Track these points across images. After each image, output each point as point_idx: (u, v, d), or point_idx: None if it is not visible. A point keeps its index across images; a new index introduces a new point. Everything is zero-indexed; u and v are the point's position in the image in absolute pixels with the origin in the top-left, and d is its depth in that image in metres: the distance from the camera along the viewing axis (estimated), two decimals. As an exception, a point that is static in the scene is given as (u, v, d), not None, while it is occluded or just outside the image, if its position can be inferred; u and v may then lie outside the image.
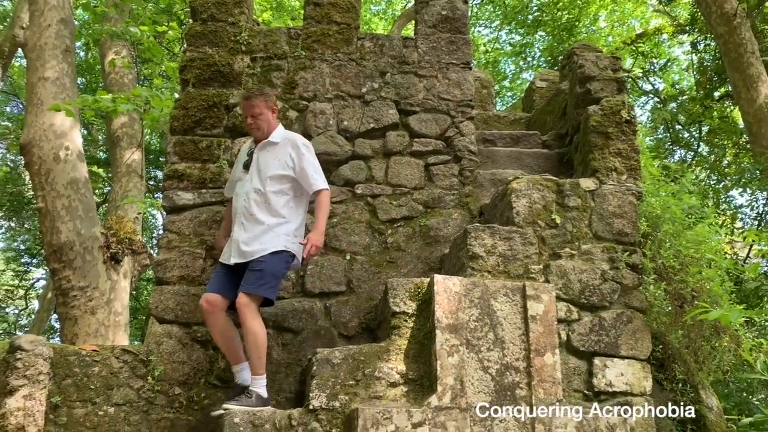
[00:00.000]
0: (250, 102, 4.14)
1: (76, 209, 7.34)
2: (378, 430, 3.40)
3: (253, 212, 4.00)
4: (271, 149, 4.16)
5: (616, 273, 4.19)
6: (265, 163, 4.11)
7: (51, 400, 3.93)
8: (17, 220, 18.13)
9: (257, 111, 4.13)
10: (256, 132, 4.18)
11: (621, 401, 3.92)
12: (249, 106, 4.14)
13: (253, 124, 4.15)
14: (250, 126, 4.17)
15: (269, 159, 4.11)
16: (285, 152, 4.13)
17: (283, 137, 4.19)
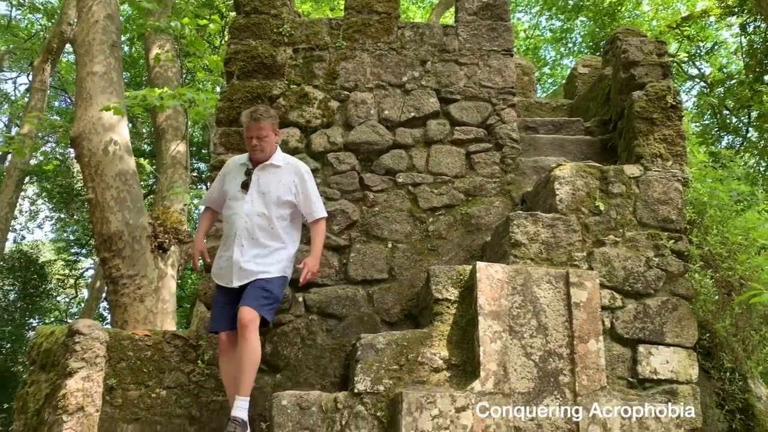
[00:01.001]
0: (258, 124, 3.98)
1: (124, 200, 7.56)
2: (422, 414, 3.46)
3: (257, 236, 3.91)
4: (273, 172, 4.05)
5: (662, 260, 4.14)
6: (267, 185, 4.00)
7: (107, 382, 4.09)
8: (67, 212, 18.74)
9: (264, 133, 4.00)
10: (259, 154, 4.03)
11: (666, 389, 3.89)
12: (257, 128, 3.98)
13: (258, 146, 4.00)
14: (255, 147, 4.01)
15: (272, 182, 4.01)
16: (289, 177, 4.05)
17: (284, 161, 4.12)
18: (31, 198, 20.50)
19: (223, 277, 3.97)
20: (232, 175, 4.13)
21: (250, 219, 3.91)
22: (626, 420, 3.56)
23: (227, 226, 4.02)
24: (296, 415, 3.65)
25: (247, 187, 3.99)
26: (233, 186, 4.06)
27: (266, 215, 3.93)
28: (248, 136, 4.02)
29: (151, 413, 4.15)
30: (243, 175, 4.05)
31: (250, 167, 4.05)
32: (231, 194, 4.05)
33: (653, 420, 3.58)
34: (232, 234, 3.93)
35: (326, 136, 5.00)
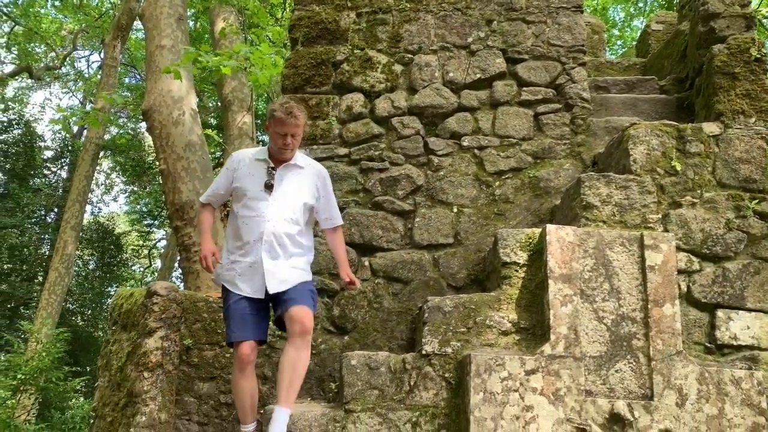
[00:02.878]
0: (297, 120, 3.57)
1: (194, 170, 7.79)
2: (491, 376, 3.45)
3: (284, 241, 3.54)
4: (296, 173, 3.69)
5: (742, 222, 3.95)
6: (291, 187, 3.63)
7: (184, 342, 4.26)
8: (139, 185, 19.49)
9: (299, 131, 3.63)
10: (288, 153, 3.63)
11: (747, 355, 3.74)
12: (294, 125, 3.57)
13: (289, 144, 3.59)
14: (286, 146, 3.59)
15: (296, 184, 3.65)
16: (312, 180, 3.74)
17: (306, 162, 3.77)
18: (106, 172, 21.41)
19: (242, 284, 3.53)
20: (247, 171, 3.64)
21: (277, 223, 3.53)
22: (703, 386, 3.45)
23: (245, 229, 3.53)
24: (365, 375, 3.71)
25: (271, 188, 3.57)
26: (253, 185, 3.59)
27: (292, 219, 3.58)
28: (280, 133, 3.55)
29: (225, 372, 4.30)
30: (265, 174, 3.61)
31: (271, 165, 3.62)
32: (251, 194, 3.57)
33: (732, 386, 3.46)
34: (254, 238, 3.51)
35: (390, 101, 4.97)
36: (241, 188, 3.60)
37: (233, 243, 3.60)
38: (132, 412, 3.83)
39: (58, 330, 12.57)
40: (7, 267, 16.56)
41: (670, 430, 3.37)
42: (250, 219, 3.53)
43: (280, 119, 3.53)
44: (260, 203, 3.54)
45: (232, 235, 3.61)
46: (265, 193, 3.56)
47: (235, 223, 3.59)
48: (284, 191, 3.59)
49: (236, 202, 3.61)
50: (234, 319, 3.51)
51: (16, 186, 16.32)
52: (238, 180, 3.63)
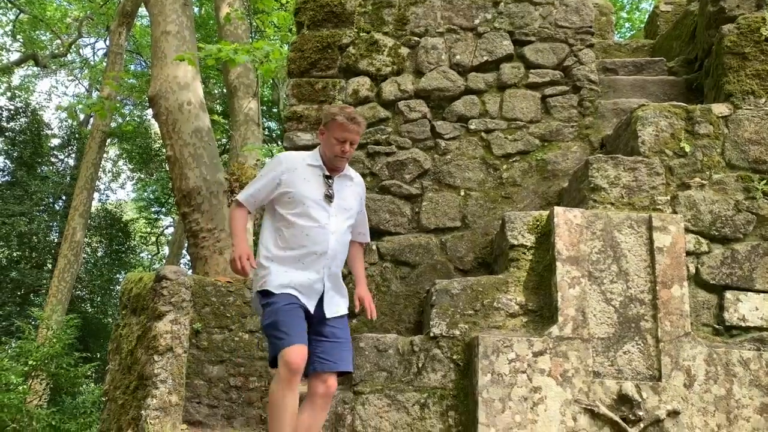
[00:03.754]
0: (358, 127, 3.25)
1: (201, 156, 7.79)
2: (498, 358, 3.47)
3: (341, 257, 3.27)
4: (349, 185, 3.37)
5: (752, 203, 3.93)
6: (346, 200, 3.31)
7: (193, 326, 4.29)
8: (146, 172, 19.54)
9: (357, 139, 3.29)
10: (344, 162, 3.30)
11: (756, 336, 3.73)
12: (355, 132, 3.24)
13: (347, 152, 3.24)
14: (343, 154, 3.23)
15: (348, 195, 3.34)
16: (359, 193, 3.44)
17: (353, 173, 3.47)
18: (113, 159, 21.46)
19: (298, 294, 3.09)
20: (301, 176, 3.24)
21: (339, 236, 3.21)
22: (711, 367, 3.46)
23: (305, 239, 3.13)
24: (374, 357, 3.74)
25: (331, 199, 3.23)
26: (311, 191, 3.21)
27: (347, 235, 3.31)
28: (339, 139, 3.19)
29: (235, 356, 4.33)
30: (321, 182, 3.25)
31: (326, 173, 3.27)
32: (311, 199, 3.18)
33: (741, 367, 3.47)
34: (316, 251, 3.13)
35: (397, 84, 4.95)
36: (296, 194, 3.18)
37: (283, 253, 3.13)
38: (143, 395, 3.87)
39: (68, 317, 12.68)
40: (16, 254, 16.67)
41: (678, 410, 3.38)
42: (312, 229, 3.14)
43: (342, 124, 3.18)
44: (321, 213, 3.17)
45: (283, 244, 3.14)
46: (325, 203, 3.20)
47: (286, 231, 3.14)
48: (341, 204, 3.27)
49: (287, 207, 3.17)
50: (289, 321, 2.97)
51: (24, 174, 16.38)
52: (289, 184, 3.20)
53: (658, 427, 3.35)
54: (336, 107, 3.43)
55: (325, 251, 3.14)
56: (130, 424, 3.94)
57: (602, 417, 3.36)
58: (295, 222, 3.14)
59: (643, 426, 3.34)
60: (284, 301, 3.04)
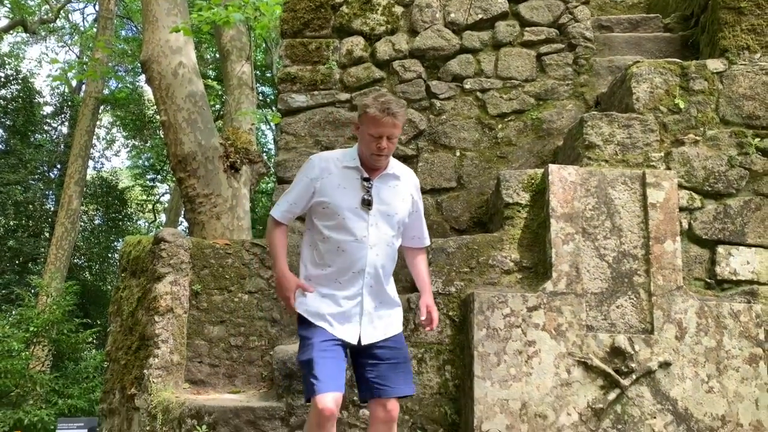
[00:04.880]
0: (395, 119, 2.77)
1: (195, 121, 7.75)
2: (494, 313, 3.53)
3: (387, 270, 2.90)
4: (393, 185, 2.93)
5: (745, 159, 3.96)
6: (390, 203, 2.89)
7: (192, 287, 4.34)
8: (140, 139, 19.43)
9: (397, 132, 2.83)
10: (383, 160, 2.86)
11: (746, 290, 3.80)
12: (391, 125, 2.77)
13: (386, 149, 2.80)
14: (381, 151, 2.80)
15: (392, 198, 2.90)
16: (407, 191, 2.98)
17: (401, 170, 3.02)
18: (107, 127, 21.32)
19: (336, 323, 2.80)
20: (336, 182, 2.86)
21: (380, 249, 2.83)
22: (703, 319, 3.53)
23: (340, 256, 2.80)
24: (371, 315, 3.80)
25: (370, 205, 2.83)
26: (347, 200, 2.83)
27: (392, 245, 2.90)
28: (374, 135, 2.77)
29: (235, 316, 4.39)
30: (359, 186, 2.85)
31: (365, 175, 2.87)
32: (347, 209, 2.81)
33: (731, 319, 3.54)
34: (355, 268, 2.80)
35: (391, 44, 4.92)
36: (331, 204, 2.81)
37: (319, 271, 2.83)
38: (145, 355, 3.94)
39: (67, 284, 12.76)
40: (13, 223, 16.69)
41: (669, 362, 3.46)
42: (348, 244, 2.78)
43: (374, 118, 2.75)
44: (358, 224, 2.80)
45: (319, 261, 2.84)
46: (362, 212, 2.81)
47: (321, 246, 2.83)
48: (383, 208, 2.85)
49: (320, 219, 2.84)
50: (323, 364, 2.69)
51: (18, 142, 16.29)
52: (323, 193, 2.84)
53: (649, 378, 3.43)
54: (370, 97, 2.84)
55: (363, 269, 2.78)
56: (133, 383, 4.01)
57: (595, 369, 3.44)
58: (329, 236, 2.80)
59: (635, 377, 3.42)
60: (319, 337, 2.74)
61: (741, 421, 3.40)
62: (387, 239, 2.85)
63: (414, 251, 3.14)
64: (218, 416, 3.43)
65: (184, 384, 4.14)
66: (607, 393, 3.40)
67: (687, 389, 3.43)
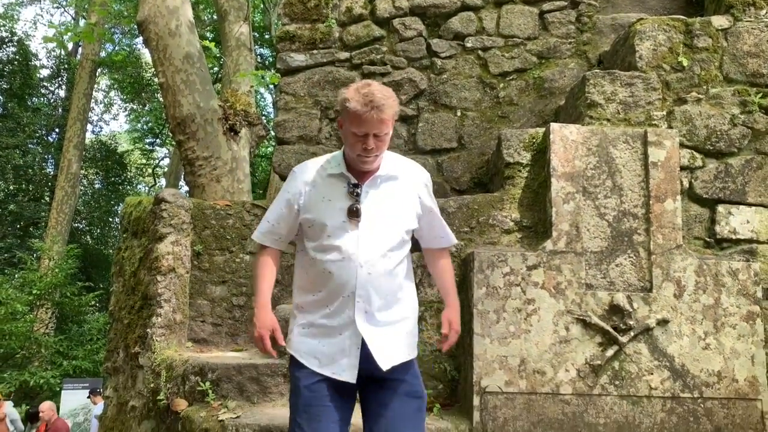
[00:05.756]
0: (381, 113, 2.29)
1: (193, 83, 7.67)
2: (493, 272, 3.55)
3: (384, 288, 2.41)
4: (390, 187, 2.49)
5: (747, 117, 3.93)
6: (385, 208, 2.45)
7: (194, 248, 4.36)
8: (139, 102, 19.29)
9: (385, 129, 2.35)
10: (372, 161, 2.40)
11: (745, 248, 3.82)
12: (377, 120, 2.30)
13: (372, 149, 2.34)
14: (369, 151, 2.35)
15: (390, 203, 2.47)
16: (412, 192, 2.54)
17: (401, 167, 2.56)
18: (104, 90, 21.14)
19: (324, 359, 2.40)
20: (319, 195, 2.45)
21: (372, 266, 2.38)
22: (701, 277, 3.55)
23: (329, 279, 2.39)
24: (372, 274, 3.82)
25: (358, 215, 2.40)
26: (332, 214, 2.41)
27: (390, 254, 2.43)
28: (357, 133, 2.33)
29: (236, 276, 4.42)
30: (346, 195, 2.43)
31: (353, 181, 2.43)
32: (332, 228, 2.40)
33: (729, 277, 3.56)
34: (344, 292, 2.38)
35: (391, 1, 4.84)
36: (315, 221, 2.42)
37: (309, 297, 2.45)
38: (148, 314, 3.98)
39: (68, 247, 12.83)
40: (13, 188, 16.69)
41: (668, 319, 3.49)
42: (334, 264, 2.37)
43: (356, 113, 2.28)
44: (345, 239, 2.38)
45: (307, 286, 2.46)
46: (349, 224, 2.39)
47: (310, 270, 2.44)
48: (376, 216, 2.42)
49: (308, 239, 2.45)
50: (305, 410, 2.36)
51: (15, 105, 16.19)
52: (307, 209, 2.44)
53: (647, 335, 3.47)
54: (351, 88, 2.36)
55: (353, 291, 2.35)
56: (137, 342, 4.06)
57: (594, 326, 3.47)
58: (316, 257, 2.39)
59: (633, 334, 3.45)
60: (307, 379, 2.38)
61: (737, 377, 3.45)
62: (382, 253, 2.39)
63: (435, 253, 2.71)
64: (221, 373, 3.47)
65: (187, 343, 4.19)
66: (605, 350, 3.44)
67: (684, 346, 3.47)
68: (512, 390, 3.41)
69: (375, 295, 2.38)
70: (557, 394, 3.41)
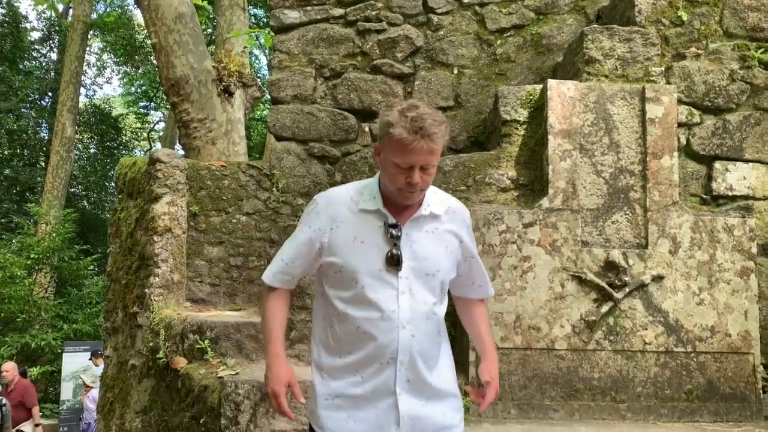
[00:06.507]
0: (432, 144, 1.86)
1: (186, 43, 7.56)
2: (489, 230, 3.56)
3: (428, 352, 2.01)
4: (433, 229, 2.03)
5: (747, 72, 3.90)
6: (424, 256, 1.99)
7: (190, 209, 4.35)
8: (132, 65, 19.04)
9: (434, 160, 1.92)
10: (415, 196, 1.95)
11: (741, 205, 3.82)
12: (427, 151, 1.87)
13: (418, 183, 1.89)
14: (412, 187, 1.89)
15: (432, 249, 2.01)
16: (452, 234, 2.08)
17: (443, 204, 2.08)
18: (97, 53, 20.84)
19: None
20: (350, 235, 2.00)
21: (416, 328, 1.97)
22: (697, 234, 3.56)
23: (361, 339, 1.97)
24: (368, 233, 3.82)
25: (399, 263, 1.95)
26: (367, 258, 1.97)
27: (435, 315, 2.02)
28: (402, 164, 1.88)
29: (233, 237, 4.42)
30: (382, 237, 1.97)
31: (391, 221, 1.97)
32: (367, 274, 1.96)
33: (725, 233, 3.57)
34: (383, 357, 1.96)
35: (387, -44, 4.73)
36: (345, 267, 1.98)
37: (336, 360, 2.02)
38: (145, 274, 3.99)
39: (65, 211, 12.81)
40: (8, 152, 16.58)
41: (663, 275, 3.52)
42: (372, 324, 1.95)
43: (401, 142, 1.85)
44: (384, 293, 1.95)
45: (334, 345, 2.03)
46: (389, 275, 1.96)
47: (338, 327, 2.01)
48: (419, 265, 1.98)
49: (335, 287, 2.02)
50: None
51: (7, 69, 15.97)
52: (334, 251, 2.00)
53: (642, 291, 3.50)
54: (394, 110, 1.91)
55: (394, 357, 1.95)
56: (135, 302, 4.08)
57: (589, 283, 3.49)
58: (346, 313, 1.98)
59: (628, 290, 3.48)
60: None
61: (730, 331, 3.49)
62: (426, 311, 1.98)
63: (469, 303, 2.29)
64: (220, 331, 3.50)
65: (186, 303, 4.22)
66: (600, 306, 3.47)
67: (678, 302, 3.50)
68: (508, 345, 3.45)
69: (420, 362, 1.98)
70: (552, 349, 3.46)
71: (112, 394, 4.40)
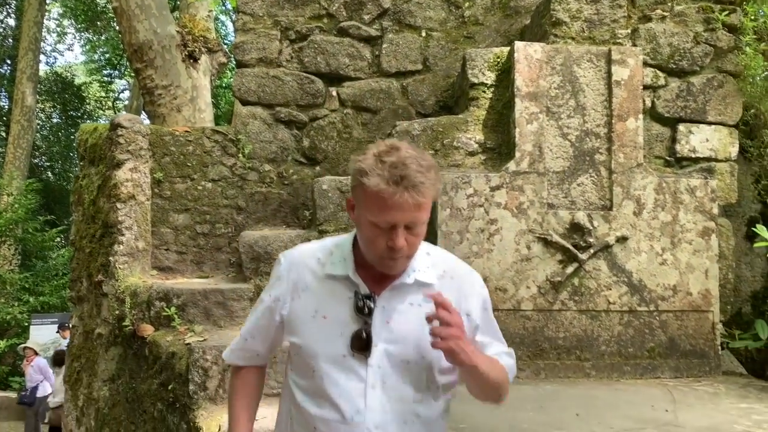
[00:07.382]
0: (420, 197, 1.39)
1: (149, 7, 7.34)
2: (457, 194, 3.56)
3: None
4: (415, 299, 1.54)
5: (711, 35, 3.92)
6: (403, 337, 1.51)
7: (154, 176, 4.26)
8: (94, 32, 18.46)
9: (424, 217, 1.45)
10: (399, 264, 1.48)
11: (704, 167, 3.88)
12: (415, 207, 1.40)
13: (402, 248, 1.43)
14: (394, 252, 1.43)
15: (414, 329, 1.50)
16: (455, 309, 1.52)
17: (437, 269, 1.58)
18: (57, 19, 20.15)
19: None
20: (309, 305, 1.57)
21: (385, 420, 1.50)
22: (660, 195, 3.61)
23: None
24: (337, 198, 3.80)
25: (367, 346, 1.50)
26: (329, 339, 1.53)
27: (420, 417, 1.54)
28: (380, 224, 1.43)
29: (199, 204, 4.36)
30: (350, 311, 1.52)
31: (363, 291, 1.52)
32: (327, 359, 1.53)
33: (687, 194, 3.62)
34: None
35: None
36: (302, 349, 1.56)
37: None
38: (109, 242, 3.92)
39: (27, 181, 12.50)
40: (-35, 122, 16.07)
41: (627, 236, 3.57)
42: (327, 426, 1.51)
43: (378, 195, 1.39)
44: (347, 386, 1.50)
45: None
46: (355, 362, 1.50)
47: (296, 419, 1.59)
48: (396, 348, 1.51)
49: (295, 370, 1.61)
50: None
51: (-39, 35, 15.37)
52: (292, 328, 1.59)
53: (607, 252, 3.55)
54: (369, 154, 1.43)
55: None
56: (99, 270, 4.02)
57: (555, 245, 3.53)
58: (302, 407, 1.55)
59: (593, 252, 3.52)
60: None
61: (691, 290, 3.57)
62: (404, 411, 1.51)
63: None
64: (187, 298, 3.47)
65: (152, 271, 4.16)
66: (566, 267, 3.51)
67: (642, 262, 3.56)
68: (475, 307, 3.48)
69: None
70: (519, 310, 3.50)
71: (78, 363, 4.35)
